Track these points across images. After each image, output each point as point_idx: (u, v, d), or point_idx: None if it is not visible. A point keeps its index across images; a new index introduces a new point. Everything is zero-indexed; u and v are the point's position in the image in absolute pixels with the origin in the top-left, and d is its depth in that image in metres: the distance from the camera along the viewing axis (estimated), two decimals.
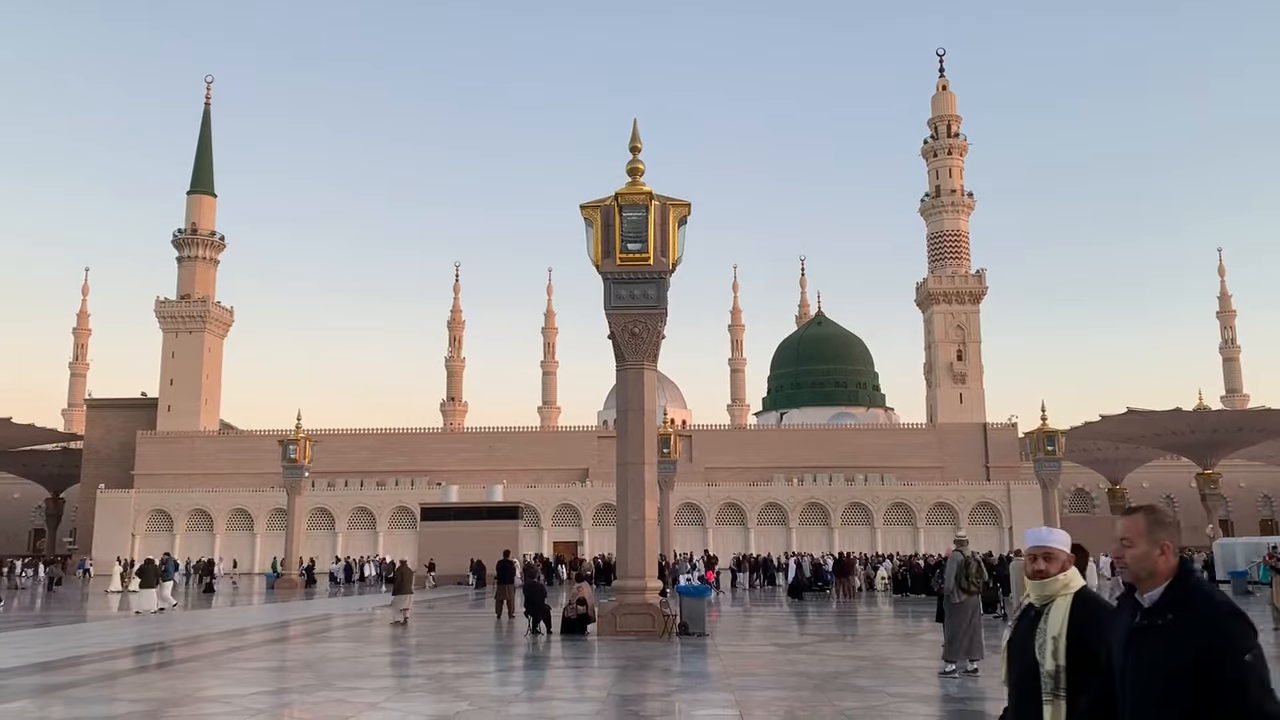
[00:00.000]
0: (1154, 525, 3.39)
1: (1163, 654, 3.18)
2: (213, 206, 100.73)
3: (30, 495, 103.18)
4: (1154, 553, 3.35)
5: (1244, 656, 3.07)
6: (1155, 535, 3.37)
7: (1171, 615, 3.22)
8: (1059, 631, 3.68)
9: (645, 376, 22.02)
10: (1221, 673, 3.06)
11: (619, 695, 12.95)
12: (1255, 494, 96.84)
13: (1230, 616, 3.15)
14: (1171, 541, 3.38)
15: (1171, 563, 3.35)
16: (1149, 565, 3.34)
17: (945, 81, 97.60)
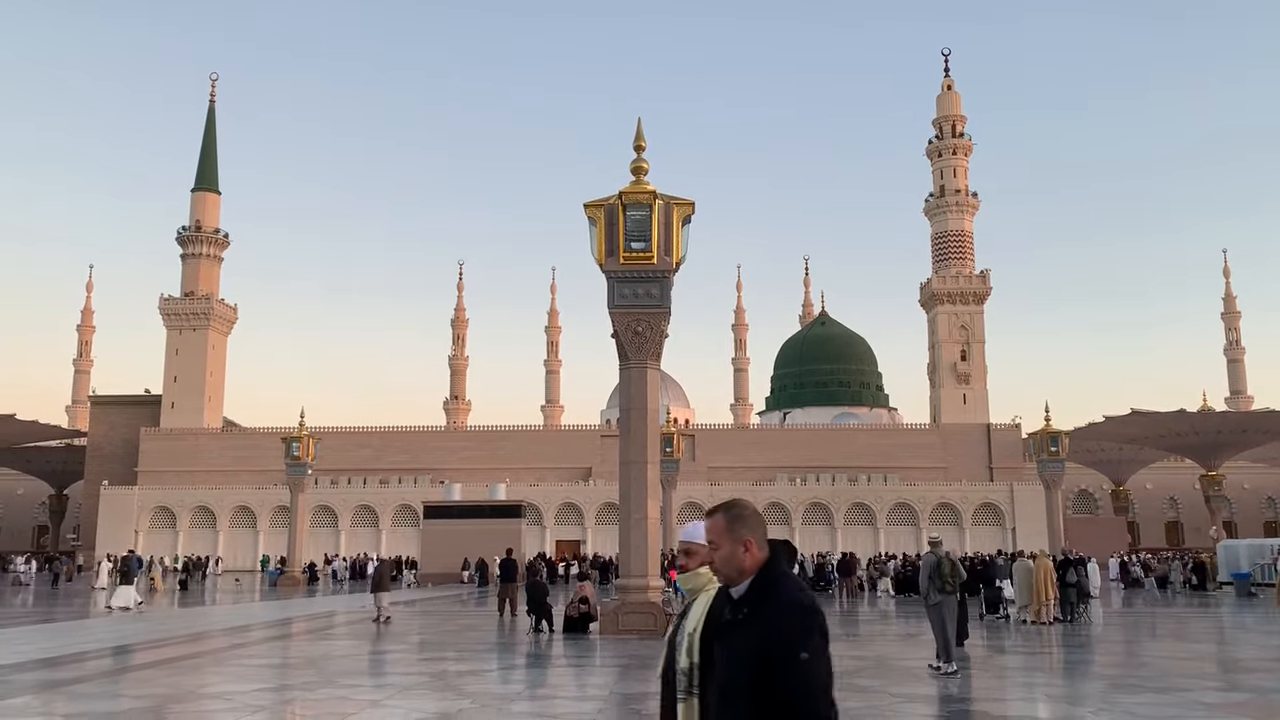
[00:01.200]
0: (734, 523, 3.35)
1: (738, 650, 3.12)
2: (217, 204, 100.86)
3: (34, 491, 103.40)
4: (738, 550, 3.29)
5: (799, 654, 3.01)
6: (736, 533, 3.32)
7: (747, 610, 3.18)
8: (695, 627, 3.54)
9: (648, 375, 22.01)
10: (776, 668, 3.02)
11: (621, 694, 12.95)
12: (1259, 496, 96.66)
13: (795, 612, 3.10)
14: (754, 537, 3.32)
15: (758, 558, 3.29)
16: (736, 564, 3.29)
17: (950, 81, 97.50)
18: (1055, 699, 13.22)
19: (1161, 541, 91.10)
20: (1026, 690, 14.22)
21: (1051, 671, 16.65)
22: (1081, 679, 15.43)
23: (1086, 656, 18.68)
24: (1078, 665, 17.40)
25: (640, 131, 23.10)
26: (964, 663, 16.83)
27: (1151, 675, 15.12)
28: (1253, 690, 13.56)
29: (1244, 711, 11.59)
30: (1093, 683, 14.71)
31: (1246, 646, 20.72)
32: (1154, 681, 14.19)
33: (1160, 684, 13.84)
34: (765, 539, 3.36)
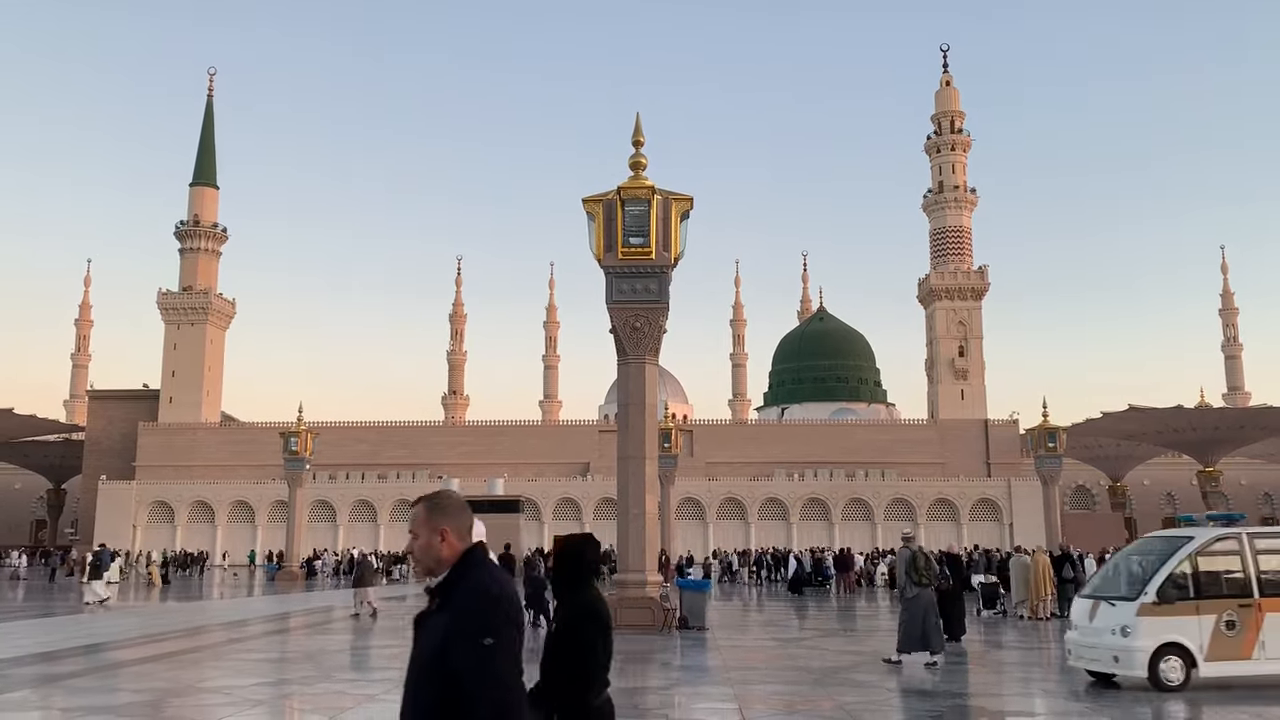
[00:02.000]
0: (432, 513, 3.34)
1: (431, 635, 3.15)
2: (215, 199, 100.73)
3: (32, 486, 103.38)
4: (435, 541, 3.29)
5: (481, 640, 3.04)
6: (434, 523, 3.31)
7: (441, 598, 3.20)
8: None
9: (646, 371, 22.02)
10: (458, 653, 3.05)
11: (618, 688, 12.90)
12: (1256, 492, 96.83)
13: (483, 600, 3.12)
14: (451, 527, 3.31)
15: (456, 548, 3.29)
16: (433, 553, 3.29)
17: (949, 77, 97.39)
18: (1052, 694, 13.27)
19: None
20: (1023, 685, 14.27)
21: (1048, 667, 16.69)
22: (1078, 674, 15.46)
23: None
24: None
25: (639, 127, 23.09)
26: (961, 658, 16.88)
27: None
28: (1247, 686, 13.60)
29: (1239, 706, 11.63)
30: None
31: None
32: None
33: None
34: (468, 530, 3.35)
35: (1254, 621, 12.29)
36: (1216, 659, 12.19)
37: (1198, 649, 12.14)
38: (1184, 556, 12.58)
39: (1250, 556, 12.62)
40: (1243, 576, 12.61)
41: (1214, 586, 12.67)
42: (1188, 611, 12.29)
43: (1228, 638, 12.23)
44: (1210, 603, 12.38)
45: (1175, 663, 12.13)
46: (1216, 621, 12.24)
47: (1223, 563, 12.96)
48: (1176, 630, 12.19)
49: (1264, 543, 13.19)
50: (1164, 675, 12.09)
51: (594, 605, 4.43)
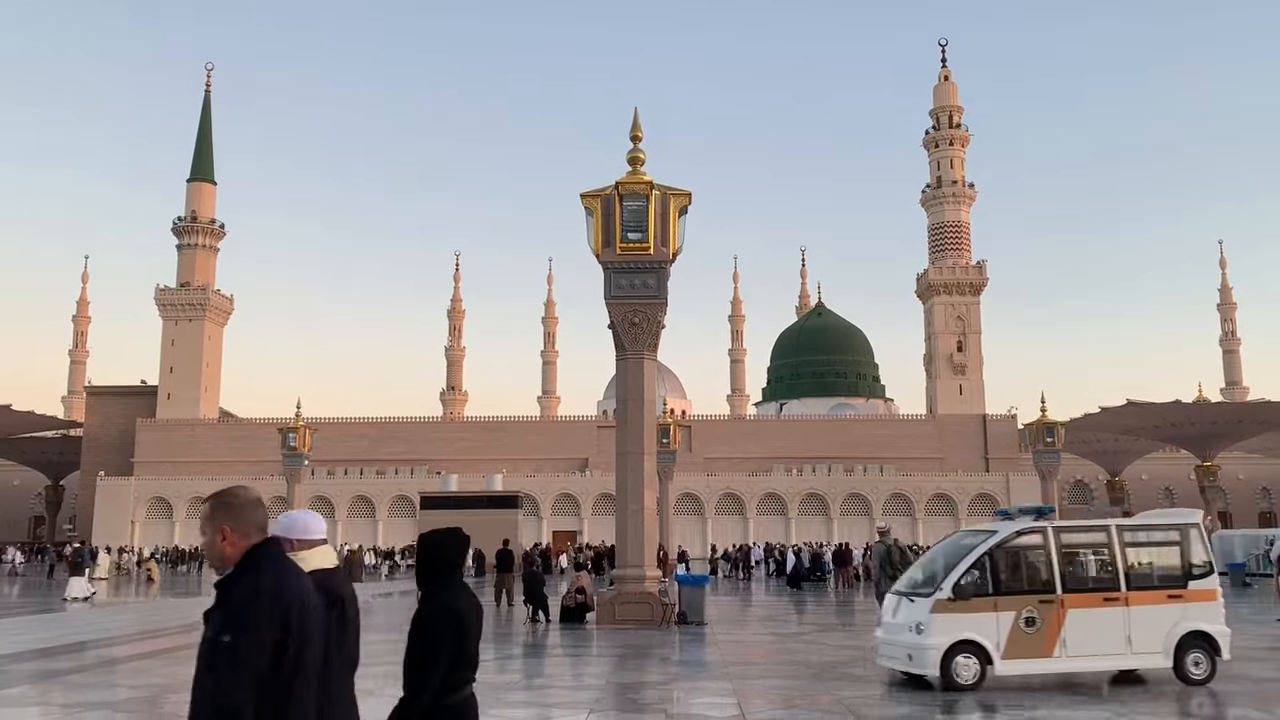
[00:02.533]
0: (215, 511, 3.31)
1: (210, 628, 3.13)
2: (213, 194, 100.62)
3: (30, 482, 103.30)
4: (217, 539, 3.28)
5: (220, 637, 3.03)
6: (216, 521, 3.29)
7: (218, 597, 3.20)
8: None
9: (645, 366, 22.00)
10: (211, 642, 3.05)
11: (617, 683, 12.98)
12: (1254, 486, 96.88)
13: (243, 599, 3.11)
14: (233, 525, 3.29)
15: (240, 546, 3.27)
16: (216, 551, 3.28)
17: (947, 72, 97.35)
18: (1049, 688, 13.26)
19: None
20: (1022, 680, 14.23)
21: None
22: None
23: None
24: None
25: (637, 122, 23.05)
26: None
27: None
28: (1246, 679, 13.61)
29: (1237, 700, 11.64)
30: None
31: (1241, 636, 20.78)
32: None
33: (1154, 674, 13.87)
34: (256, 527, 3.33)
35: (1056, 618, 11.88)
36: (1014, 657, 11.79)
37: (994, 647, 11.71)
38: (983, 551, 12.10)
39: (1055, 551, 12.21)
40: (1046, 572, 12.21)
41: (1015, 582, 12.27)
42: (985, 608, 11.83)
43: (1027, 635, 11.81)
44: (1010, 599, 11.94)
45: (969, 661, 11.65)
46: (1016, 618, 11.80)
47: (1026, 558, 12.57)
48: (972, 627, 11.72)
49: (1070, 537, 12.81)
50: (956, 674, 11.62)
51: (448, 603, 4.38)
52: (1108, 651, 12.11)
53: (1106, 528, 12.74)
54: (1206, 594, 12.54)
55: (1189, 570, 12.70)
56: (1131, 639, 12.07)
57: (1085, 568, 12.73)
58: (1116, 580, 12.29)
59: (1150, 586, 12.51)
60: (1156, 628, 12.13)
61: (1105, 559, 12.55)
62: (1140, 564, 12.88)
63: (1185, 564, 12.77)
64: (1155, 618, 12.15)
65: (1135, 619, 12.08)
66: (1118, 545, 12.44)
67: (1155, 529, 13.83)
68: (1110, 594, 12.19)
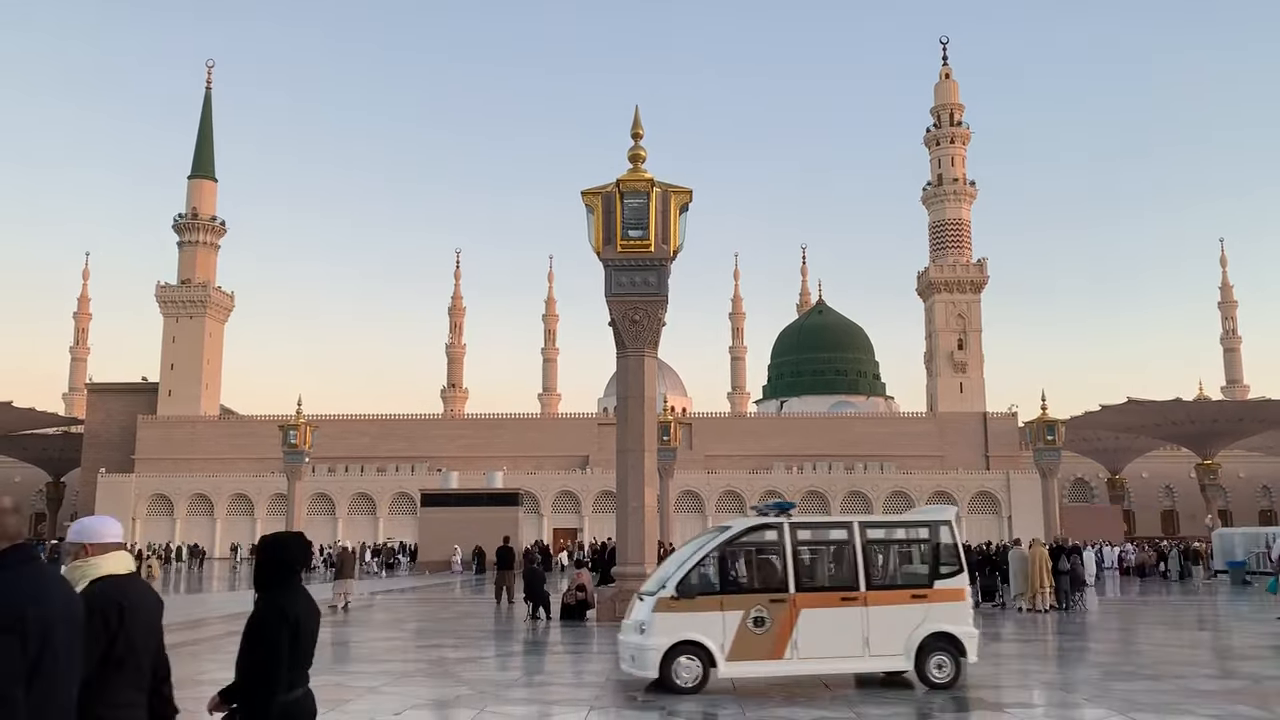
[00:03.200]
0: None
1: None
2: (213, 191, 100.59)
3: (31, 479, 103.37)
4: None
5: None
6: None
7: None
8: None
9: (645, 364, 22.02)
10: None
11: (617, 680, 12.99)
12: (1254, 484, 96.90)
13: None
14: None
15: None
16: None
17: (948, 70, 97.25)
18: (1050, 686, 13.28)
19: (1157, 530, 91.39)
20: (1021, 678, 14.28)
21: (1046, 659, 16.72)
22: (1076, 666, 15.51)
23: (1081, 644, 18.75)
24: (1072, 653, 17.47)
25: (638, 119, 23.05)
26: None
27: (1146, 663, 15.21)
28: (1247, 677, 13.63)
29: (1239, 699, 11.65)
30: (1087, 670, 14.78)
31: (1241, 634, 20.81)
32: (1148, 669, 14.27)
33: (1154, 671, 13.91)
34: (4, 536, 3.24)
35: (788, 619, 11.31)
36: (741, 659, 11.25)
37: (718, 648, 11.18)
38: (711, 548, 11.67)
39: (790, 548, 11.61)
40: (781, 570, 11.63)
41: (745, 581, 11.79)
42: (711, 607, 11.30)
43: (755, 636, 11.26)
44: (738, 598, 11.42)
45: (691, 663, 11.18)
46: (743, 618, 11.24)
47: (759, 555, 12.09)
48: (696, 627, 11.23)
49: (809, 534, 12.24)
50: (676, 675, 11.16)
51: (283, 606, 4.44)
52: (843, 653, 11.52)
53: (849, 524, 12.10)
54: (953, 594, 11.91)
55: (936, 570, 12.05)
56: (870, 640, 11.48)
57: (824, 566, 12.20)
58: (856, 579, 11.65)
59: (893, 586, 11.92)
60: (898, 629, 11.53)
61: (846, 557, 11.89)
62: (884, 562, 12.34)
63: (933, 563, 12.13)
64: (896, 618, 11.54)
65: (874, 620, 11.48)
66: (860, 543, 11.78)
67: (903, 526, 13.39)
68: (849, 593, 11.57)
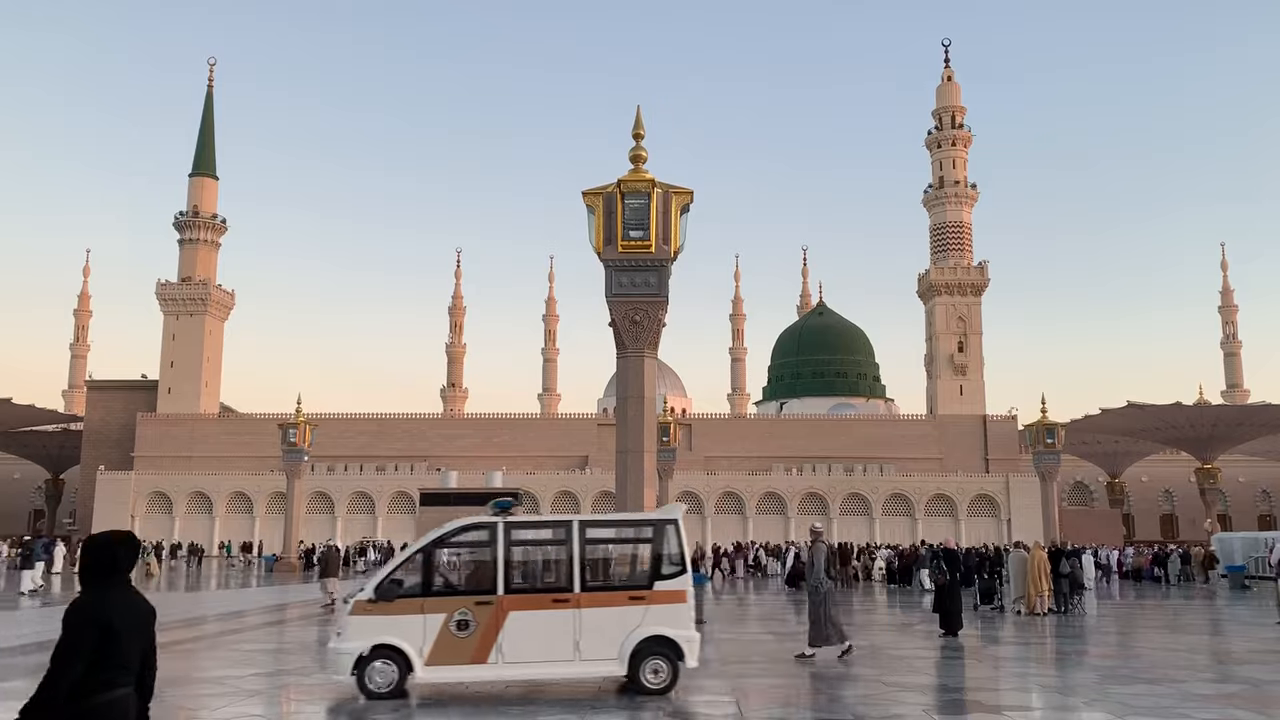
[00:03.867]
0: None
1: None
2: (214, 189, 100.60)
3: (30, 476, 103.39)
4: None
5: None
6: None
7: None
8: None
9: (645, 365, 21.97)
10: None
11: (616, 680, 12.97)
12: (1254, 489, 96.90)
13: None
14: None
15: None
16: None
17: (950, 72, 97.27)
18: (1048, 689, 13.28)
19: (1157, 534, 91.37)
20: (1020, 680, 14.28)
21: (1045, 662, 16.71)
22: (1074, 669, 15.50)
23: (1080, 647, 18.75)
24: (1071, 656, 17.46)
25: (639, 119, 23.00)
26: (958, 652, 16.92)
27: (1144, 666, 15.19)
28: (1245, 681, 13.62)
29: (1236, 703, 11.64)
30: (1086, 673, 14.77)
31: (1239, 639, 20.81)
32: (1146, 672, 14.26)
33: (1152, 675, 13.91)
34: None
35: (494, 622, 10.93)
36: (441, 663, 10.89)
37: (416, 652, 10.83)
38: (417, 549, 11.36)
39: (502, 549, 11.24)
40: (490, 571, 11.24)
41: (451, 582, 11.52)
42: (411, 610, 10.93)
43: (458, 639, 10.88)
44: (441, 600, 11.05)
45: (386, 667, 10.84)
46: (446, 621, 10.88)
47: (469, 556, 11.82)
48: (393, 631, 10.86)
49: (524, 533, 11.78)
50: (370, 680, 10.83)
51: (93, 603, 4.44)
52: (553, 658, 11.10)
53: (568, 524, 11.70)
54: (673, 596, 11.51)
55: (658, 571, 11.62)
56: (581, 644, 11.10)
57: (537, 567, 11.83)
58: (571, 581, 11.27)
59: (610, 587, 11.54)
60: (613, 632, 11.16)
61: (562, 558, 11.50)
62: (603, 563, 12.02)
63: (654, 564, 11.70)
64: (612, 621, 11.17)
65: (588, 622, 11.12)
66: (577, 543, 11.42)
67: (626, 525, 13.05)
68: (561, 595, 11.21)
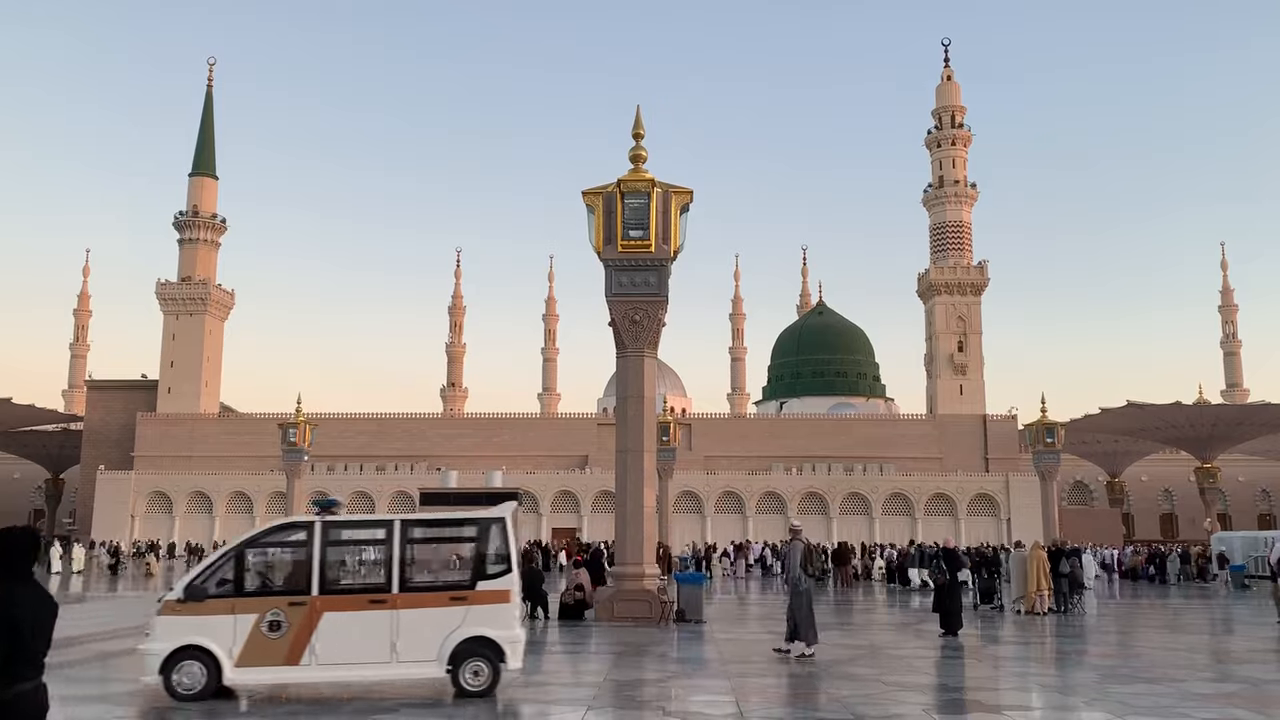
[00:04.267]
0: None
1: None
2: (214, 189, 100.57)
3: (30, 476, 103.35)
4: None
5: None
6: None
7: None
8: None
9: (645, 364, 22.02)
10: None
11: (615, 680, 12.99)
12: (1253, 488, 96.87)
13: None
14: None
15: None
16: None
17: (950, 72, 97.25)
18: (1048, 689, 13.28)
19: (1156, 533, 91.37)
20: (1020, 680, 14.29)
21: (1044, 661, 16.72)
22: (1074, 669, 15.50)
23: (1079, 646, 18.75)
24: (1070, 655, 17.47)
25: (639, 119, 23.05)
26: (957, 652, 16.93)
27: (1144, 665, 15.20)
28: (1244, 681, 13.63)
29: (1235, 702, 11.64)
30: (1086, 672, 14.77)
31: (1239, 638, 20.81)
32: (1146, 672, 14.26)
33: (1152, 674, 13.91)
34: None
35: (307, 623, 10.79)
36: (251, 665, 10.72)
37: (226, 654, 10.65)
38: (231, 549, 11.19)
39: (319, 549, 11.07)
40: (306, 571, 11.10)
41: (265, 582, 11.33)
42: (221, 610, 10.81)
43: (270, 641, 10.74)
44: (253, 600, 10.92)
45: (193, 668, 10.64)
46: (257, 622, 10.74)
47: (284, 556, 11.70)
48: (202, 631, 10.69)
49: (342, 533, 11.65)
50: (178, 682, 10.64)
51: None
52: (369, 659, 10.98)
53: (389, 523, 11.50)
54: (496, 596, 11.33)
55: (482, 571, 11.50)
56: (399, 646, 10.97)
57: (355, 567, 11.74)
58: (390, 581, 11.14)
59: (431, 588, 11.40)
60: (432, 633, 11.04)
61: (381, 557, 11.37)
62: (424, 563, 11.93)
63: (478, 564, 11.58)
64: (431, 622, 11.06)
65: (405, 623, 11.00)
66: (398, 543, 11.27)
67: (449, 525, 13.03)
68: (379, 596, 11.09)
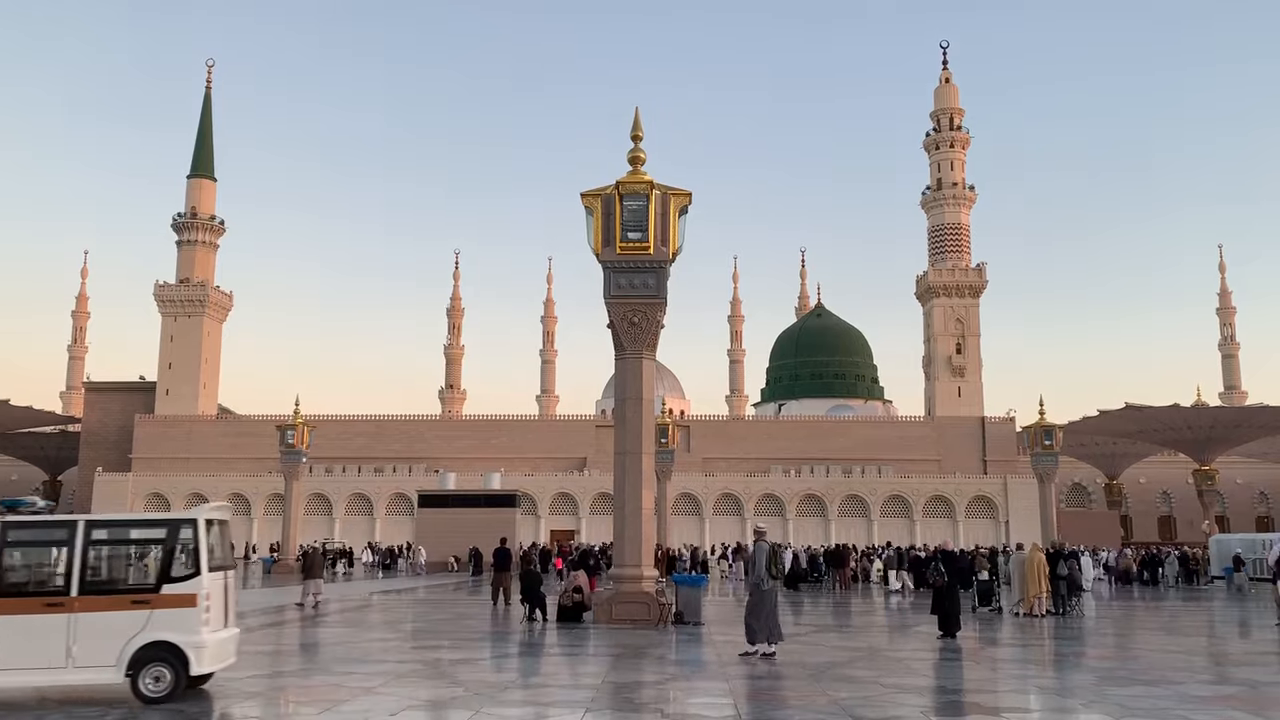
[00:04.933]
0: None
1: None
2: (213, 190, 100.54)
3: (28, 477, 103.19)
4: None
5: None
6: None
7: None
8: None
9: (644, 366, 22.02)
10: None
11: (613, 683, 12.98)
12: (1252, 490, 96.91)
13: None
14: None
15: None
16: None
17: (948, 74, 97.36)
18: (1046, 691, 13.28)
19: (1154, 536, 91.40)
20: (1018, 682, 14.29)
21: (1043, 663, 16.72)
22: (1072, 671, 15.51)
23: (1078, 649, 18.76)
24: (1069, 657, 17.48)
25: (638, 121, 23.06)
26: (956, 654, 16.93)
27: (1142, 668, 15.20)
28: (1242, 683, 13.64)
29: (1234, 704, 11.65)
30: (1084, 674, 14.78)
31: (1240, 640, 20.83)
32: (1144, 674, 14.27)
33: (1150, 676, 13.92)
34: None
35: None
36: None
37: None
38: None
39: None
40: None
41: None
42: None
43: None
44: None
45: None
46: None
47: None
48: None
49: (20, 534, 11.30)
50: None
51: None
52: (41, 664, 10.70)
53: (72, 524, 11.29)
54: (182, 599, 11.05)
55: (168, 574, 11.23)
56: (74, 650, 10.72)
57: (32, 569, 11.46)
58: (69, 583, 10.91)
59: (114, 591, 11.13)
60: (112, 638, 10.78)
61: (62, 559, 11.11)
62: (108, 565, 11.59)
63: (164, 567, 11.31)
64: (111, 626, 10.81)
65: (84, 628, 10.74)
66: (80, 545, 11.05)
67: (137, 526, 12.93)
68: (56, 599, 10.85)
